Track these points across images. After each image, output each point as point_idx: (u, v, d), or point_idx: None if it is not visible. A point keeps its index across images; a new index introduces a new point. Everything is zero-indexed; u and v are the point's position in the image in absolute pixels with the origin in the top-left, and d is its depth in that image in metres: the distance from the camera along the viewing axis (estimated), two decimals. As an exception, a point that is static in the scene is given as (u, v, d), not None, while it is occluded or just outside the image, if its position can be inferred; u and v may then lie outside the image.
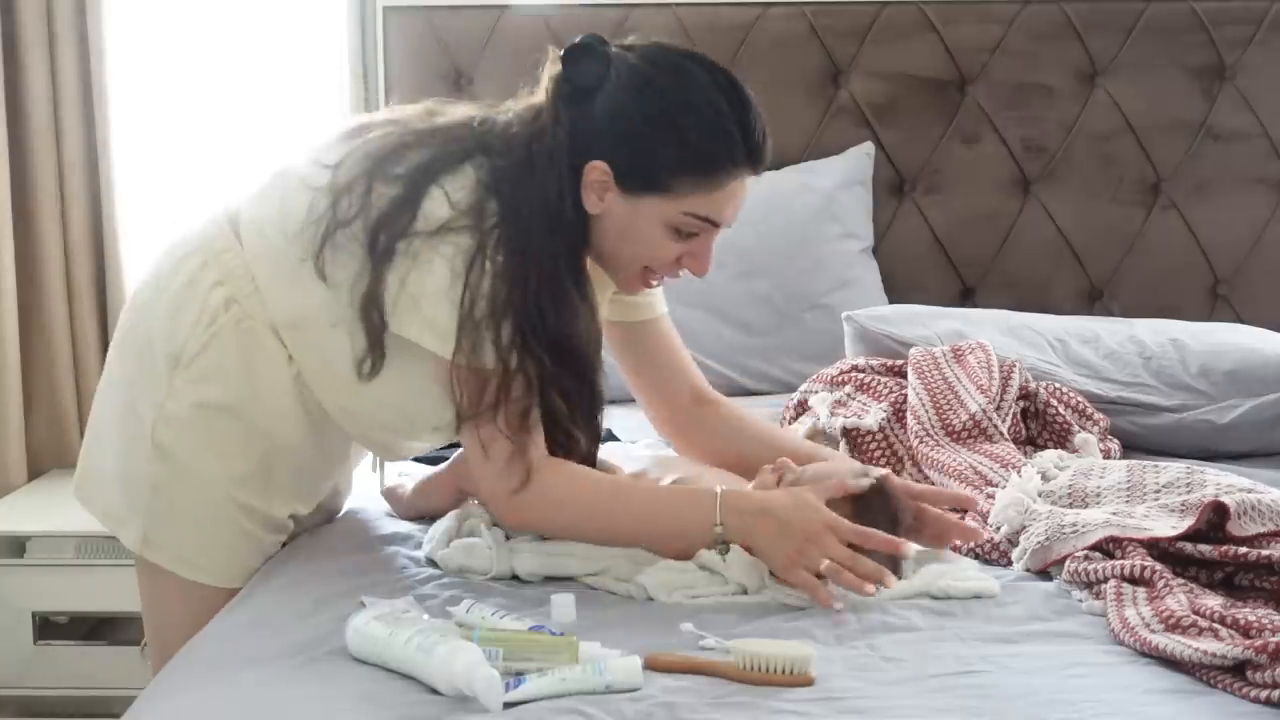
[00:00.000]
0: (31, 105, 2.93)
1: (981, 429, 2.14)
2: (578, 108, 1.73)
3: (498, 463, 1.73)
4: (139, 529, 1.87)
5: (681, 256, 1.79)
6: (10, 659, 2.75)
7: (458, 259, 1.69)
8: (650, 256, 1.79)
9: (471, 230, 1.69)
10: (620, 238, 1.77)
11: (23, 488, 2.96)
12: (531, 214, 1.71)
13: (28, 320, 2.98)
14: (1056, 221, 3.12)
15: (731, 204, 1.77)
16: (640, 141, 1.72)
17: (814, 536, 1.67)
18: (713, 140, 1.73)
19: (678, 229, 1.75)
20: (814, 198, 2.97)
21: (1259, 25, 3.07)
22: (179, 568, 1.87)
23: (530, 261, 1.70)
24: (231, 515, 1.85)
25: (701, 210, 1.74)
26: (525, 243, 1.70)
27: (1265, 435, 2.37)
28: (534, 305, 1.69)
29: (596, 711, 1.37)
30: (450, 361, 1.71)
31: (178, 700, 1.48)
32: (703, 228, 1.76)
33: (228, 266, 1.82)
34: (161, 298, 1.85)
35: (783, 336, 2.88)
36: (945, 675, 1.48)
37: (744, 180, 1.77)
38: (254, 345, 1.81)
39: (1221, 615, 1.54)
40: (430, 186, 1.71)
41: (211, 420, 1.82)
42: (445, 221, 1.69)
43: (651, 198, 1.73)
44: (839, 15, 3.08)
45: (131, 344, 1.88)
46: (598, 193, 1.74)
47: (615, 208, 1.75)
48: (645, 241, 1.77)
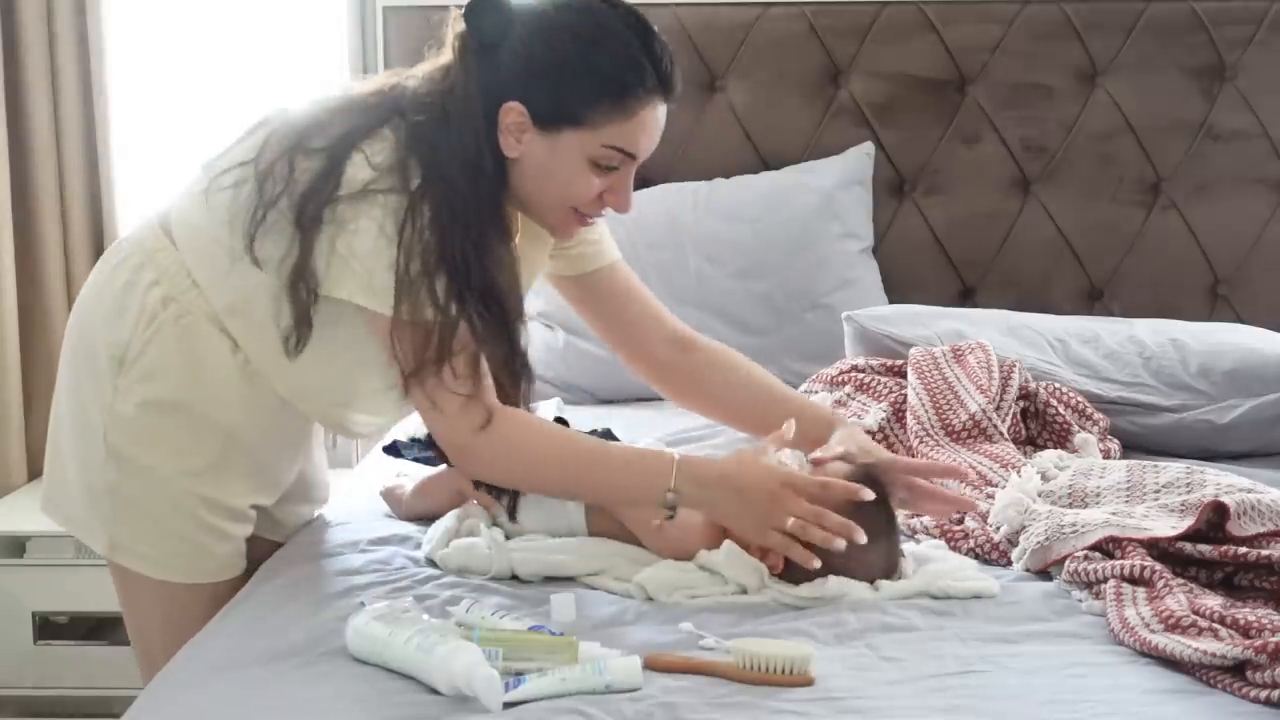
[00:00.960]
0: (31, 105, 2.93)
1: (981, 429, 2.14)
2: (486, 59, 1.76)
3: (449, 413, 1.74)
4: (105, 534, 1.88)
5: (603, 193, 1.81)
6: (10, 659, 2.75)
7: (387, 220, 1.70)
8: (573, 194, 1.80)
9: (397, 190, 1.71)
10: (542, 178, 1.78)
11: (23, 488, 2.96)
12: (452, 166, 1.73)
13: (28, 320, 2.98)
14: (1056, 221, 3.12)
15: (645, 134, 1.78)
16: (553, 77, 1.74)
17: (775, 496, 1.69)
18: (623, 69, 1.74)
19: (596, 162, 1.77)
20: (814, 198, 2.97)
21: (1259, 25, 3.07)
22: (147, 568, 1.88)
23: (456, 214, 1.72)
24: (192, 510, 1.85)
25: (618, 141, 1.76)
26: (449, 195, 1.72)
27: (1265, 435, 2.37)
28: (462, 256, 1.71)
29: (596, 711, 1.37)
30: (390, 318, 1.72)
31: (178, 700, 1.48)
32: (621, 159, 1.78)
33: (162, 265, 1.84)
34: (101, 302, 1.86)
35: (783, 336, 2.87)
36: (945, 675, 1.48)
37: (656, 109, 1.78)
38: (196, 339, 1.82)
39: (1221, 615, 1.54)
40: (350, 153, 1.73)
41: (160, 417, 1.83)
42: (368, 183, 1.71)
43: (569, 132, 1.75)
44: (839, 15, 3.08)
45: (77, 351, 1.89)
46: (515, 135, 1.76)
47: (534, 148, 1.77)
48: (566, 179, 1.78)
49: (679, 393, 2.06)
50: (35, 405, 2.99)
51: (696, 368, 2.04)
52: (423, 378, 1.72)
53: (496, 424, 1.74)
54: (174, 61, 3.05)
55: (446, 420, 1.74)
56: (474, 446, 1.75)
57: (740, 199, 2.97)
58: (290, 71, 3.07)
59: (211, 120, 3.03)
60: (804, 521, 1.68)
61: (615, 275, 2.05)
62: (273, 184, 1.74)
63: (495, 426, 1.74)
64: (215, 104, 3.04)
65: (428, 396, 1.73)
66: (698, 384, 2.04)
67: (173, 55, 3.05)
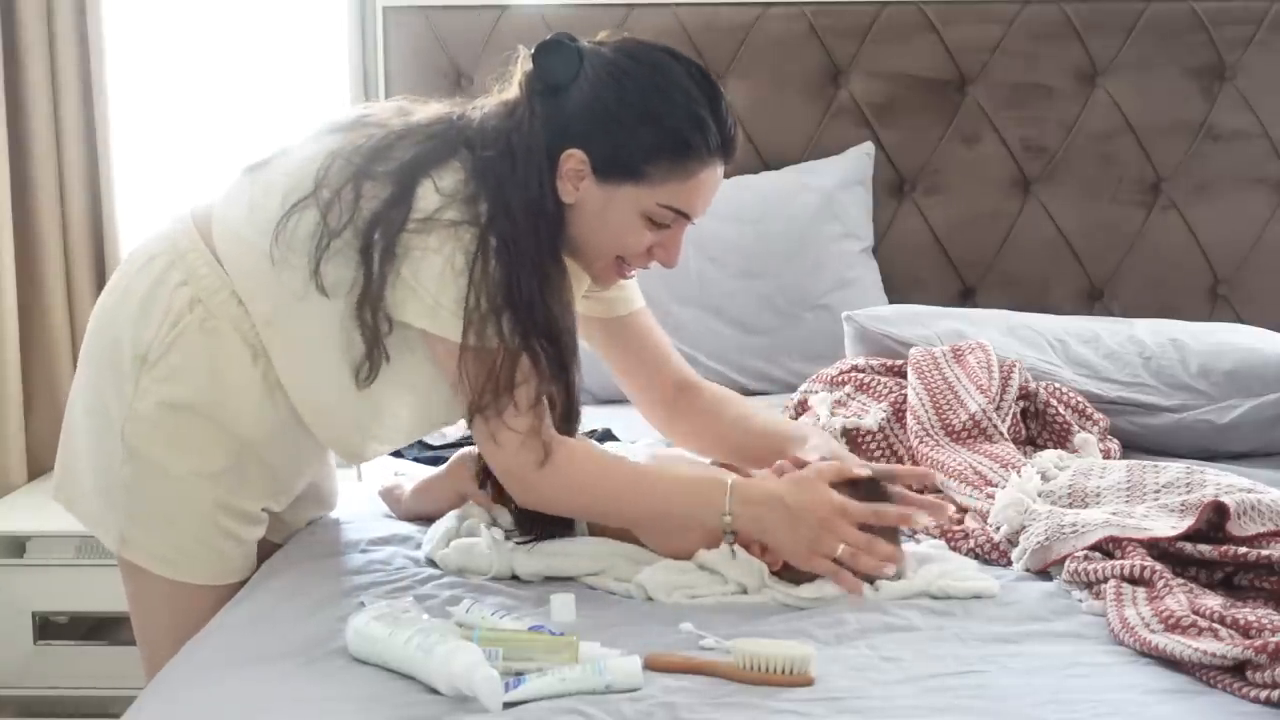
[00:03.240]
0: (31, 105, 2.93)
1: (981, 429, 2.14)
2: (552, 101, 1.75)
3: (510, 445, 1.73)
4: (117, 530, 1.88)
5: (653, 247, 1.81)
6: (10, 659, 2.75)
7: (457, 251, 1.70)
8: (623, 246, 1.80)
9: (467, 223, 1.70)
10: (594, 227, 1.78)
11: (23, 488, 2.96)
12: (517, 204, 1.72)
13: (28, 320, 2.98)
14: (1056, 221, 3.12)
15: (703, 195, 1.78)
16: (616, 129, 1.73)
17: (826, 522, 1.69)
18: (687, 128, 1.74)
19: (651, 218, 1.77)
20: (814, 198, 2.97)
21: (1259, 25, 3.07)
22: (158, 566, 1.88)
23: (523, 251, 1.71)
24: (205, 512, 1.85)
25: (674, 201, 1.76)
26: (515, 233, 1.71)
27: (1265, 435, 2.37)
28: (528, 294, 1.71)
29: (596, 711, 1.37)
30: (459, 345, 1.71)
31: (178, 700, 1.48)
32: (675, 218, 1.78)
33: (192, 267, 1.83)
34: (128, 300, 1.86)
35: (783, 336, 2.88)
36: (945, 675, 1.48)
37: (715, 171, 1.78)
38: (218, 346, 1.82)
39: (1221, 615, 1.54)
40: (420, 179, 1.72)
41: (179, 419, 1.82)
42: (436, 210, 1.70)
43: (626, 186, 1.75)
44: (839, 15, 3.08)
45: (99, 346, 1.88)
46: (573, 181, 1.75)
47: (590, 196, 1.76)
48: (619, 230, 1.78)
49: (675, 432, 2.06)
50: (35, 405, 2.99)
51: (696, 412, 2.03)
52: (485, 409, 1.72)
53: (555, 458, 1.73)
54: (174, 62, 3.05)
55: (507, 454, 1.73)
56: (534, 481, 1.74)
57: (740, 199, 2.97)
58: (290, 72, 3.07)
59: (212, 120, 3.03)
60: (854, 549, 1.68)
61: (639, 320, 2.05)
62: (339, 211, 1.73)
63: (554, 460, 1.73)
64: (215, 104, 3.04)
65: (489, 428, 1.72)
66: (693, 424, 2.03)
67: (173, 55, 3.05)
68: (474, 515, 1.89)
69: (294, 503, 1.98)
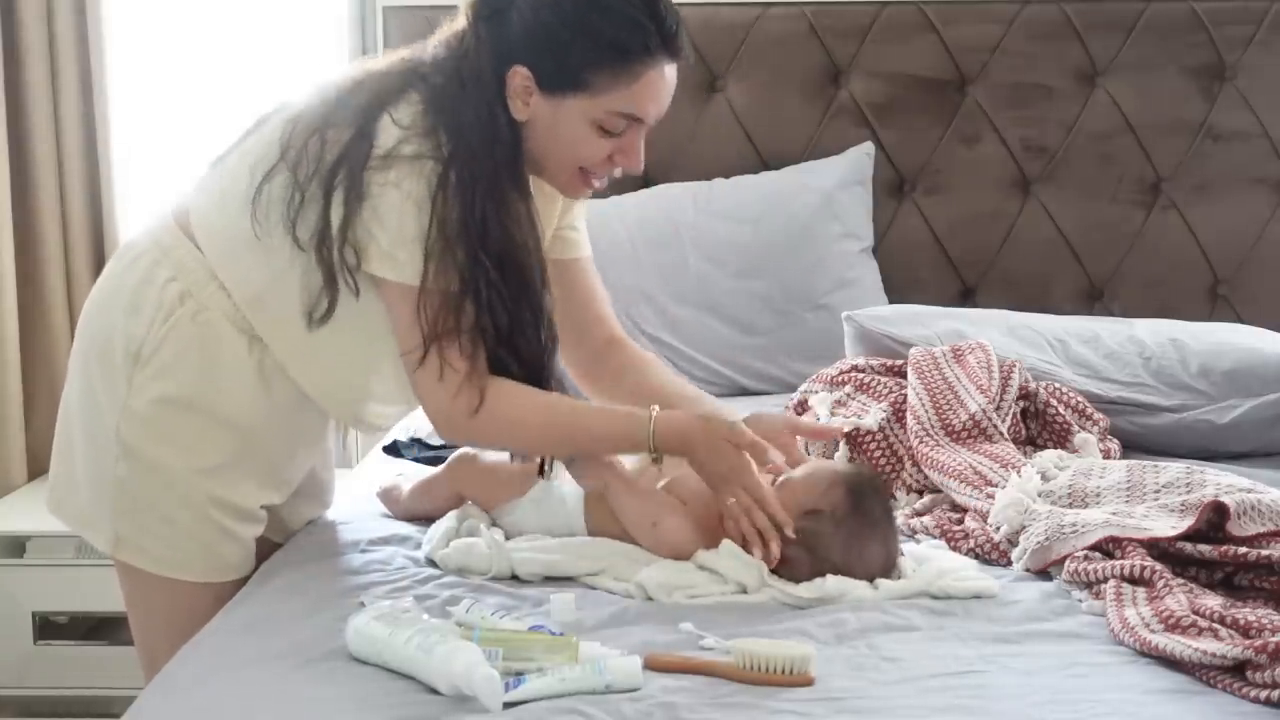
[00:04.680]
0: (31, 105, 2.93)
1: (981, 429, 2.14)
2: (495, 24, 1.77)
3: (452, 385, 1.76)
4: (111, 531, 1.88)
5: (613, 154, 1.82)
6: (10, 659, 2.75)
7: (418, 185, 1.72)
8: (580, 156, 1.81)
9: (427, 155, 1.73)
10: (549, 140, 1.80)
11: (23, 488, 2.96)
12: (470, 129, 1.75)
13: (28, 320, 2.98)
14: (1056, 221, 3.12)
15: (652, 98, 1.79)
16: (555, 42, 1.75)
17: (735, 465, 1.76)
18: (624, 32, 1.75)
19: (602, 126, 1.78)
20: (814, 198, 2.97)
21: (1259, 25, 3.07)
22: (154, 565, 1.88)
23: (476, 175, 1.74)
24: (201, 508, 1.85)
25: (622, 106, 1.77)
26: (469, 158, 1.74)
27: (1265, 435, 2.37)
28: (479, 217, 1.73)
29: (596, 711, 1.37)
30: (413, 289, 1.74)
31: (178, 700, 1.48)
32: (628, 123, 1.79)
33: (179, 261, 1.84)
34: (118, 299, 1.86)
35: (783, 336, 2.88)
36: (945, 675, 1.48)
37: (663, 71, 1.79)
38: (212, 337, 1.83)
39: (1221, 615, 1.54)
40: (379, 116, 1.75)
41: (174, 415, 1.83)
42: (395, 144, 1.73)
43: (572, 97, 1.77)
44: (839, 15, 3.08)
45: (91, 347, 1.89)
46: (522, 98, 1.78)
47: (540, 111, 1.78)
48: (573, 141, 1.79)
49: (600, 389, 2.07)
50: (35, 405, 2.99)
51: (619, 368, 2.05)
52: (429, 349, 1.74)
53: (490, 400, 1.77)
54: (174, 61, 3.05)
55: (448, 391, 1.76)
56: (468, 423, 1.78)
57: (740, 199, 2.97)
58: (290, 71, 3.07)
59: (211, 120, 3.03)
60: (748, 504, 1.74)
61: (583, 268, 2.07)
62: (305, 165, 1.75)
63: (489, 403, 1.77)
64: (215, 104, 3.04)
65: (431, 370, 1.75)
66: (618, 383, 2.04)
67: (173, 55, 3.05)
68: (474, 515, 1.89)
69: (293, 500, 1.98)
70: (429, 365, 1.75)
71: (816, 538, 1.73)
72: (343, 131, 1.75)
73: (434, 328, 1.74)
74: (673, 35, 1.77)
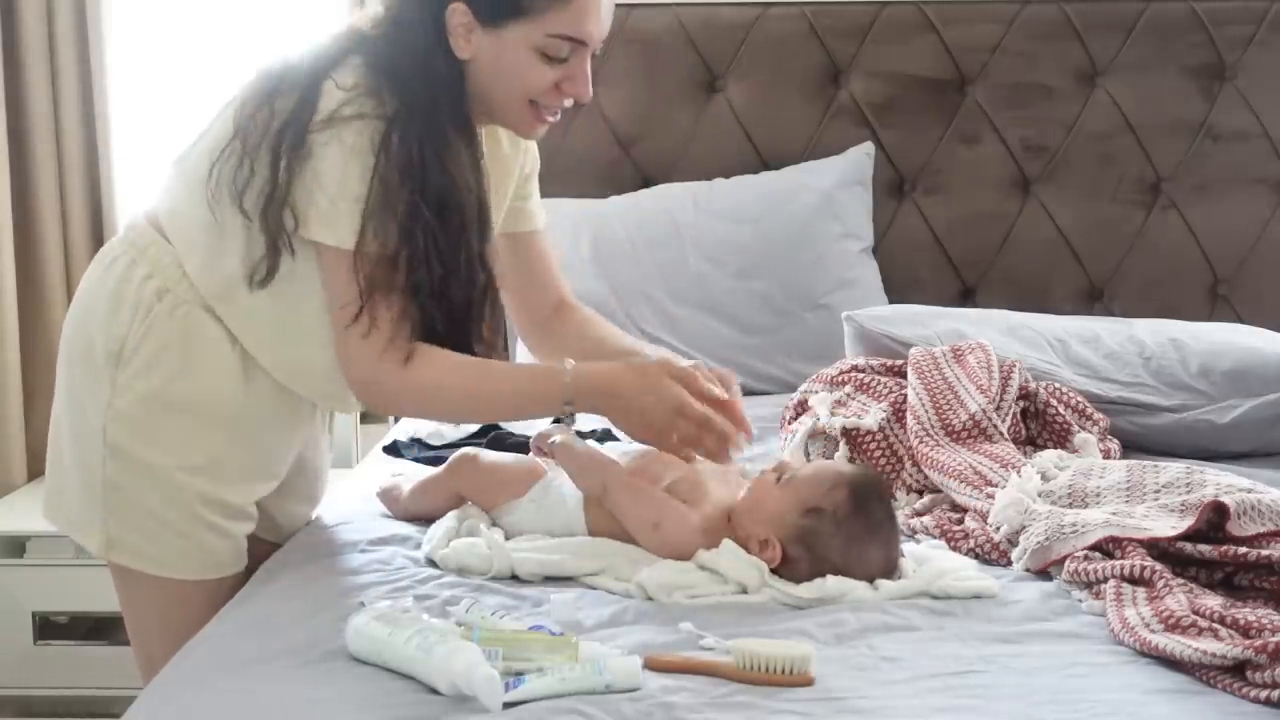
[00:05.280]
0: (31, 105, 2.93)
1: (981, 429, 2.14)
2: None
3: (377, 344, 1.77)
4: (102, 533, 1.88)
5: (560, 83, 1.82)
6: (10, 659, 2.75)
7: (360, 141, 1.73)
8: (527, 87, 1.81)
9: (371, 116, 1.73)
10: (494, 75, 1.80)
11: (23, 488, 2.96)
12: (411, 77, 1.76)
13: (28, 320, 2.98)
14: (1056, 221, 3.12)
15: (590, 17, 1.78)
16: None
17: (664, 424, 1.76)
18: None
19: (545, 52, 1.78)
20: (814, 198, 2.97)
21: (1259, 25, 3.07)
22: (146, 565, 1.88)
23: (417, 121, 1.74)
24: (190, 506, 1.86)
25: (563, 28, 1.77)
26: (410, 106, 1.74)
27: (1265, 435, 2.37)
28: (419, 162, 1.73)
29: (596, 711, 1.37)
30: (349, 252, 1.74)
31: (178, 701, 1.48)
32: (572, 47, 1.79)
33: (155, 259, 1.85)
34: (97, 301, 1.87)
35: (783, 336, 2.88)
36: (945, 675, 1.48)
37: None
38: (192, 330, 1.83)
39: (1221, 615, 1.54)
40: (323, 82, 1.75)
41: (159, 413, 1.83)
42: (338, 106, 1.73)
43: (513, 25, 1.76)
44: (839, 15, 3.08)
45: (75, 350, 1.89)
46: (463, 35, 1.78)
47: (482, 46, 1.78)
48: (518, 72, 1.79)
49: (546, 351, 2.10)
50: (35, 405, 2.99)
51: (564, 331, 2.09)
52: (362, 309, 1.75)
53: (414, 362, 1.78)
54: (174, 61, 3.05)
55: (370, 360, 1.77)
56: (394, 382, 1.78)
57: (740, 199, 2.97)
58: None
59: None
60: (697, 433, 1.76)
61: (537, 240, 2.10)
62: (253, 135, 1.76)
63: (414, 365, 1.78)
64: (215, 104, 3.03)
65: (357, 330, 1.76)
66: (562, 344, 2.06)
67: (173, 55, 3.05)
68: (474, 515, 1.89)
69: (283, 495, 1.98)
70: (359, 324, 1.76)
71: (817, 536, 1.73)
72: (288, 100, 1.76)
73: (369, 285, 1.74)
74: None
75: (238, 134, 1.78)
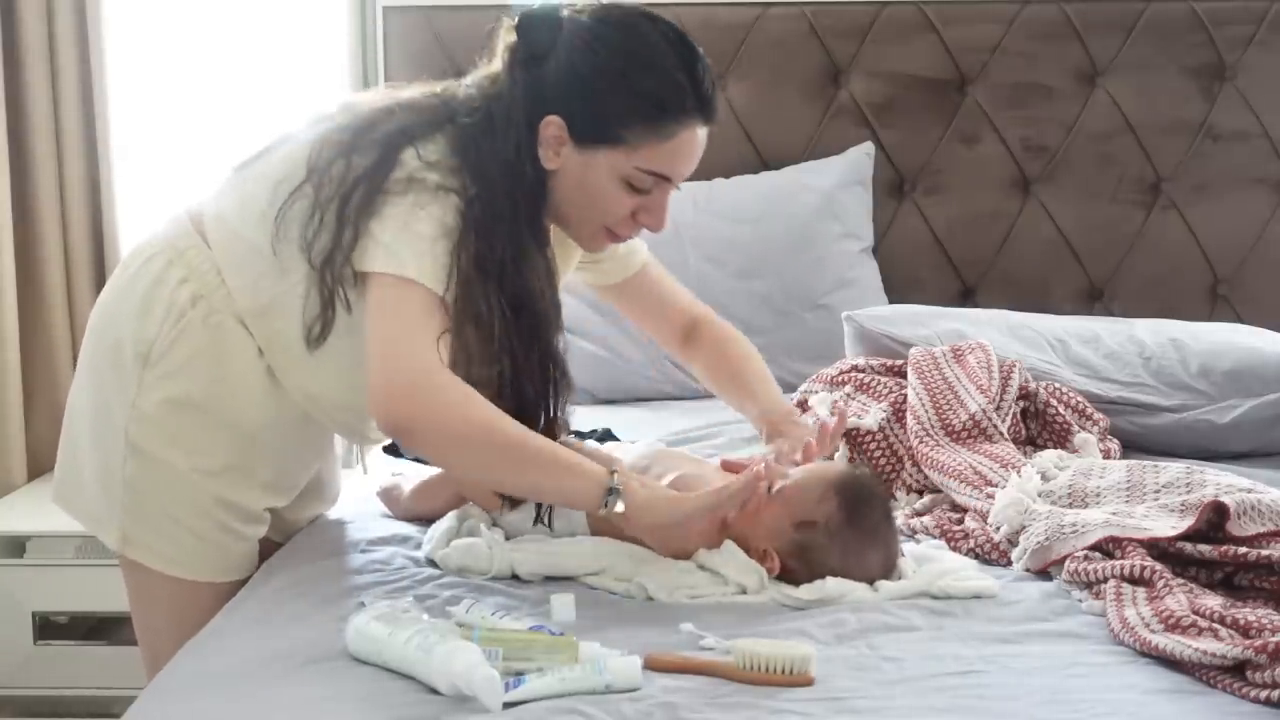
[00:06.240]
0: (31, 105, 2.93)
1: (981, 429, 2.14)
2: (533, 69, 1.76)
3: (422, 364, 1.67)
4: (118, 528, 1.88)
5: (637, 212, 1.81)
6: (10, 659, 2.75)
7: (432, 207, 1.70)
8: (605, 211, 1.80)
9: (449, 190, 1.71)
10: (576, 192, 1.78)
11: (23, 488, 2.96)
12: (495, 172, 1.74)
13: (28, 320, 2.98)
14: (1056, 221, 3.12)
15: (684, 157, 1.78)
16: (591, 94, 1.74)
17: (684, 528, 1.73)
18: (661, 89, 1.74)
19: (631, 183, 1.77)
20: (814, 198, 2.97)
21: (1259, 25, 3.07)
22: (160, 564, 1.88)
23: (499, 219, 1.72)
24: (207, 509, 1.86)
25: (653, 164, 1.76)
26: (493, 201, 1.72)
27: (1265, 435, 2.37)
28: (498, 259, 1.71)
29: (596, 711, 1.37)
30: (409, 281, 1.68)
31: (178, 701, 1.48)
32: (655, 181, 1.78)
33: (192, 264, 1.84)
34: (129, 298, 1.86)
35: (783, 336, 2.87)
36: (945, 675, 1.48)
37: (695, 132, 1.77)
38: (223, 339, 1.82)
39: (1221, 615, 1.54)
40: (405, 148, 1.73)
41: (182, 416, 1.83)
42: (416, 170, 1.71)
43: (604, 150, 1.75)
44: (839, 15, 3.08)
45: (101, 346, 1.89)
46: (553, 148, 1.76)
47: (570, 162, 1.77)
48: (600, 195, 1.78)
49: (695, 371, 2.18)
50: (35, 405, 2.99)
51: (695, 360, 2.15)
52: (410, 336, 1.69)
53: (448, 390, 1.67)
54: (174, 62, 3.05)
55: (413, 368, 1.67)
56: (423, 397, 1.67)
57: (740, 199, 2.97)
58: (290, 72, 3.07)
59: (211, 120, 3.03)
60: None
61: (645, 277, 2.11)
62: (329, 186, 1.74)
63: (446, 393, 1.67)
64: (215, 104, 3.04)
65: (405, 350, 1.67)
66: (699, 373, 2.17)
67: (173, 56, 3.05)
68: (474, 515, 1.89)
69: (296, 499, 1.98)
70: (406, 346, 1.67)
71: (812, 550, 1.72)
72: (367, 157, 1.73)
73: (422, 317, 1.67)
74: (709, 98, 1.76)
75: (310, 178, 1.75)
